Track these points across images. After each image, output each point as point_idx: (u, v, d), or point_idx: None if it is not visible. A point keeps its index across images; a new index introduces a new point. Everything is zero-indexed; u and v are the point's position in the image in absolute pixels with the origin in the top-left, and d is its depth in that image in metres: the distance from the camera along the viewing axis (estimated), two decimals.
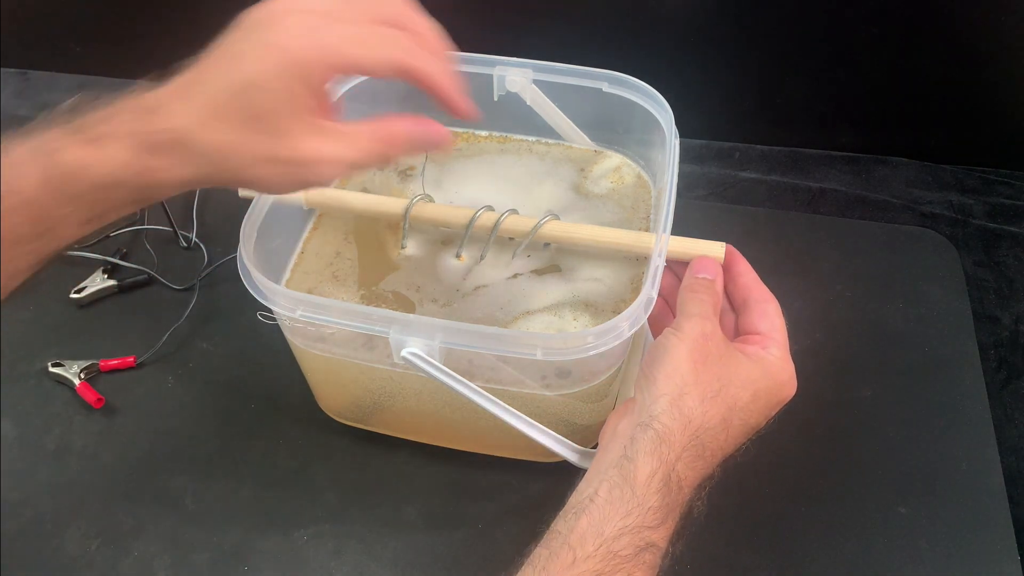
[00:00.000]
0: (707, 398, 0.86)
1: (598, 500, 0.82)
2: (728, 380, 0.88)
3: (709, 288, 0.96)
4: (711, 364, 0.88)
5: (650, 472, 0.82)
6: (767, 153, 1.63)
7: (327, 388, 1.18)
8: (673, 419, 0.85)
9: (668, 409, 0.85)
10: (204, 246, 1.45)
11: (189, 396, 1.27)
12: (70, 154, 0.74)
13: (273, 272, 1.10)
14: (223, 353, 1.32)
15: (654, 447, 0.83)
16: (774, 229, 1.47)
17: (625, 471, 0.83)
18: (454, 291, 1.09)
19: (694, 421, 0.85)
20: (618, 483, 0.82)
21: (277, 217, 1.07)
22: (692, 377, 0.87)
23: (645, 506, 0.81)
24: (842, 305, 1.35)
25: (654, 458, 0.83)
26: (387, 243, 1.15)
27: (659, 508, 0.81)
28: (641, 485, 0.82)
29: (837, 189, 1.55)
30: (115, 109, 0.77)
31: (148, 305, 1.39)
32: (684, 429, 0.85)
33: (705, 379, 0.87)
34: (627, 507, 0.81)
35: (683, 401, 0.86)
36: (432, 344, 0.93)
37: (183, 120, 0.76)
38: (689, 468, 0.84)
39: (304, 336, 1.05)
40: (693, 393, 0.86)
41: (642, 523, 0.80)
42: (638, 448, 0.84)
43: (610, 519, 0.80)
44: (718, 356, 0.89)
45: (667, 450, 0.83)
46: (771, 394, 0.91)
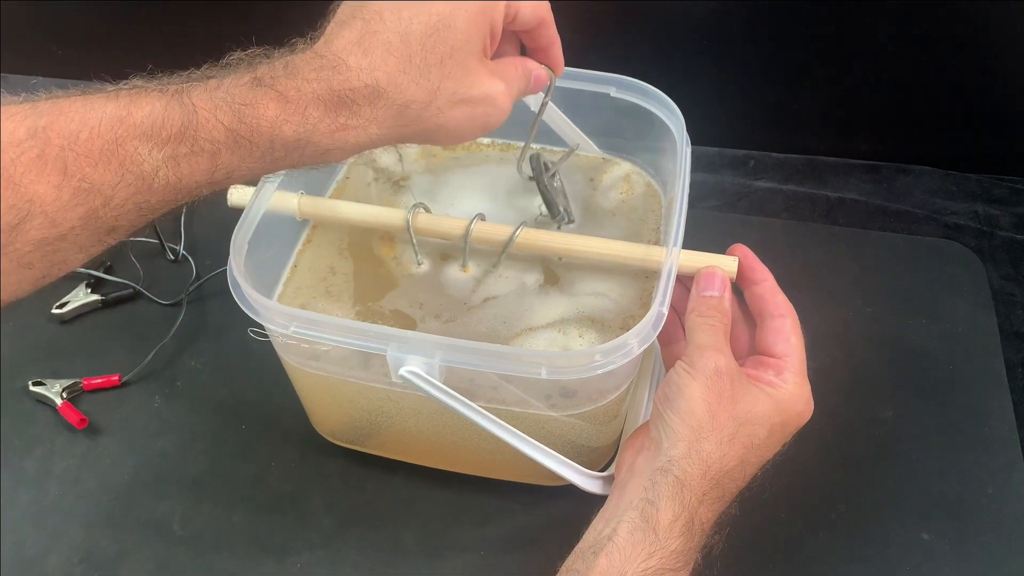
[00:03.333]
0: (724, 441, 0.88)
1: (618, 540, 0.83)
2: (744, 419, 0.89)
3: (718, 308, 0.97)
4: (726, 403, 0.89)
5: (672, 517, 0.84)
6: (783, 161, 1.63)
7: (322, 408, 1.18)
8: (692, 464, 0.86)
9: (687, 454, 0.87)
10: (192, 259, 1.45)
11: (177, 416, 1.27)
12: (262, 109, 0.78)
13: (265, 286, 1.10)
14: (212, 371, 1.32)
15: (675, 492, 0.85)
16: (791, 241, 1.47)
17: (647, 514, 0.84)
18: (461, 304, 1.09)
19: (713, 466, 0.87)
20: (640, 525, 0.84)
21: (269, 229, 1.07)
22: (708, 421, 0.88)
23: (668, 549, 0.82)
24: (862, 321, 1.36)
25: (676, 503, 0.85)
26: (384, 258, 1.15)
27: (682, 552, 0.83)
28: (664, 529, 0.83)
29: (857, 199, 1.56)
30: (294, 66, 0.80)
31: (133, 321, 1.39)
32: (704, 475, 0.86)
33: (721, 421, 0.88)
34: (649, 549, 0.82)
35: (701, 446, 0.87)
36: (431, 362, 0.93)
37: (374, 73, 0.80)
38: (709, 510, 0.86)
39: (297, 354, 1.05)
40: (711, 438, 0.88)
41: (664, 565, 0.82)
42: (659, 493, 0.85)
43: (631, 560, 0.82)
44: (731, 395, 0.90)
45: (689, 495, 0.85)
46: (787, 426, 0.93)
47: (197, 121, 0.76)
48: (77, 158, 0.73)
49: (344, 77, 0.80)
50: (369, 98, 0.80)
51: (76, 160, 0.73)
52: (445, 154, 1.28)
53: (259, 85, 0.78)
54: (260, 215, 1.05)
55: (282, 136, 0.79)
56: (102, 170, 0.74)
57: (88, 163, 0.73)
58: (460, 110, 0.85)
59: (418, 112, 0.83)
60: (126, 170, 0.74)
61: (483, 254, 1.13)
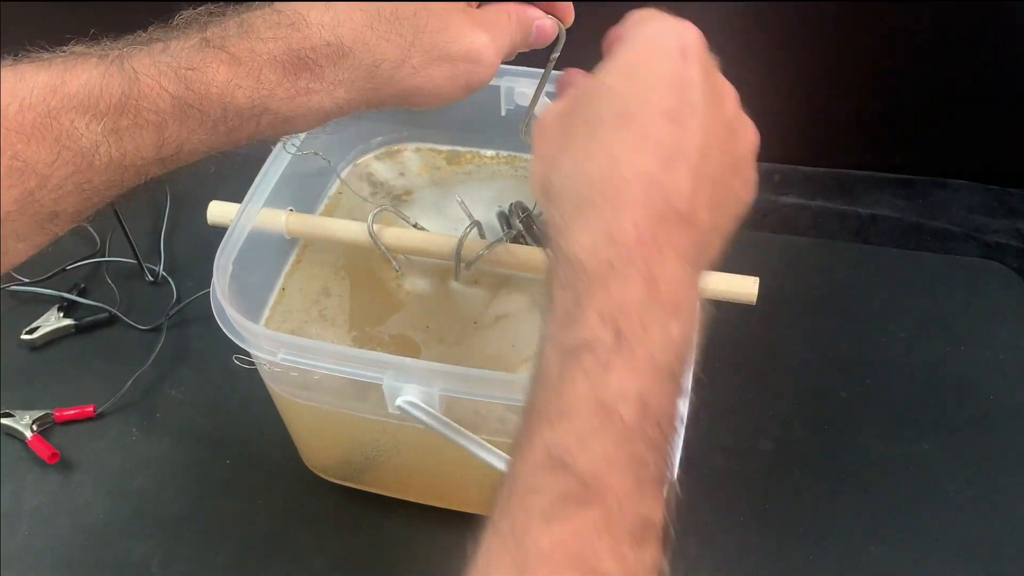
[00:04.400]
0: (549, 157, 0.75)
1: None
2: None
3: None
4: (553, 134, 0.76)
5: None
6: (811, 175, 1.63)
7: (313, 442, 1.18)
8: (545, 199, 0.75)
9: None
10: (173, 280, 1.46)
11: (156, 450, 1.27)
12: (212, 73, 0.75)
13: (251, 310, 1.10)
14: (194, 402, 1.32)
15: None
16: (819, 261, 1.48)
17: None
18: (470, 324, 1.09)
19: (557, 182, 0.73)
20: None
21: (255, 248, 1.07)
22: (540, 166, 0.76)
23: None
24: (896, 347, 1.36)
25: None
26: (384, 279, 1.15)
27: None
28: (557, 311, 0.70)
29: (890, 216, 1.56)
30: (248, 24, 0.78)
31: (109, 347, 1.39)
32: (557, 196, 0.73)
33: (549, 147, 0.75)
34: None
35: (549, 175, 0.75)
36: (431, 392, 0.93)
37: (337, 30, 0.78)
38: (579, 232, 0.70)
39: (287, 383, 1.05)
40: (548, 163, 0.75)
41: None
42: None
43: None
44: (560, 117, 0.77)
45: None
46: (637, 67, 0.74)
47: (139, 89, 0.74)
48: (8, 133, 0.71)
49: (303, 35, 0.77)
50: (332, 58, 0.78)
51: (7, 136, 0.71)
52: (451, 167, 1.28)
53: (208, 46, 0.76)
54: (246, 233, 1.05)
55: (235, 103, 0.77)
56: (35, 146, 0.71)
57: (20, 139, 0.71)
58: (438, 68, 0.83)
59: (390, 72, 0.81)
60: (63, 146, 0.72)
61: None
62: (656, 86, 0.71)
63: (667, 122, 0.69)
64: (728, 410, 1.27)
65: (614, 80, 0.72)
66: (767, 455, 1.23)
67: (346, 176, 1.28)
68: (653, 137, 0.69)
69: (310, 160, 1.17)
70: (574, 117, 0.73)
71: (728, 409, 1.27)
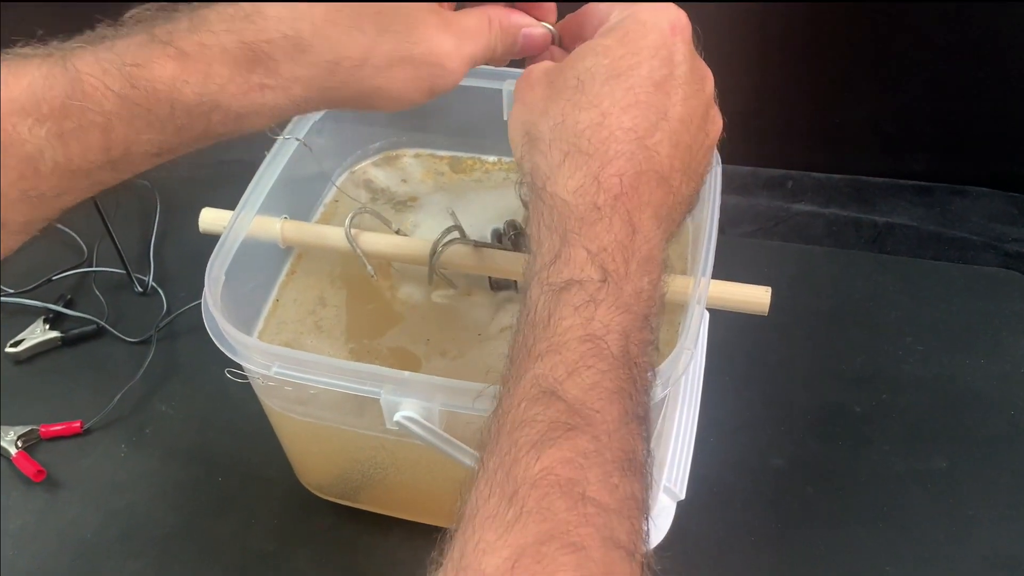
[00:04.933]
0: (538, 115, 0.80)
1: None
2: (555, 82, 0.80)
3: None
4: (537, 94, 0.82)
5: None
6: (824, 182, 1.63)
7: (308, 459, 1.18)
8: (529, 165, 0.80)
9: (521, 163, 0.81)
10: (163, 291, 1.46)
11: (145, 467, 1.27)
12: (158, 69, 0.75)
13: (244, 322, 1.10)
14: (185, 417, 1.32)
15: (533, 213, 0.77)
16: (833, 271, 1.48)
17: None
18: (474, 336, 1.09)
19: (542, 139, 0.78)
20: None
21: (249, 257, 1.07)
22: (524, 114, 0.82)
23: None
24: (913, 360, 1.36)
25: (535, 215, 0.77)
26: (383, 290, 1.15)
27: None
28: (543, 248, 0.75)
29: (907, 224, 1.56)
30: (200, 18, 0.77)
31: (97, 360, 1.39)
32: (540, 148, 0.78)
33: (535, 106, 0.81)
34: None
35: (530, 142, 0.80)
36: (431, 407, 0.93)
37: (296, 24, 0.77)
38: (566, 177, 0.75)
39: (281, 398, 1.05)
40: (531, 120, 0.81)
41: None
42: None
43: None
44: (541, 84, 0.82)
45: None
46: (628, 36, 0.78)
47: (83, 89, 0.73)
48: None
49: (259, 27, 0.77)
50: (290, 52, 0.77)
51: None
52: (456, 175, 1.28)
53: (154, 42, 0.75)
54: (239, 242, 1.05)
55: (183, 99, 0.76)
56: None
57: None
58: (401, 71, 0.82)
59: (350, 71, 0.80)
60: (7, 152, 0.72)
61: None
62: (647, 55, 0.77)
63: (655, 89, 0.76)
64: (738, 425, 1.27)
65: (609, 42, 0.78)
66: (779, 472, 1.23)
67: (343, 183, 1.29)
68: (642, 99, 0.76)
69: (306, 166, 1.17)
70: (565, 71, 0.79)
71: (738, 424, 1.27)
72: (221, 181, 1.19)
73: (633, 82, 0.76)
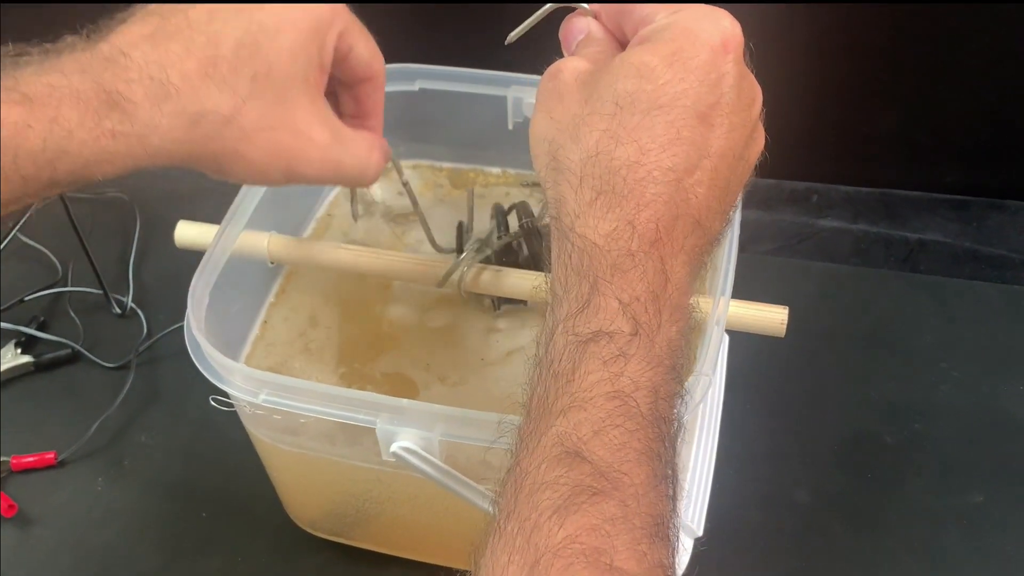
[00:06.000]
0: (569, 139, 0.77)
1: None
2: (591, 97, 0.77)
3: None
4: (569, 103, 0.78)
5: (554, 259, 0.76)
6: (853, 196, 1.63)
7: (299, 492, 1.18)
8: (556, 196, 0.77)
9: (552, 195, 0.77)
10: (142, 313, 1.47)
11: (124, 502, 1.27)
12: (1, 115, 0.74)
13: (230, 346, 1.11)
14: (167, 448, 1.32)
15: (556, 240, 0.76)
16: (862, 291, 1.48)
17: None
18: (478, 361, 1.09)
19: (573, 171, 0.75)
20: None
21: (235, 276, 1.07)
22: (553, 132, 0.78)
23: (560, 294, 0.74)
24: (948, 387, 1.36)
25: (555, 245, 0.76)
26: (378, 311, 1.15)
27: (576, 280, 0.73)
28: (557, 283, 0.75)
29: (941, 241, 1.56)
30: (51, 60, 0.76)
31: (72, 387, 1.40)
32: (573, 184, 0.75)
33: (565, 120, 0.78)
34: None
35: (559, 163, 0.77)
36: (430, 437, 0.93)
37: (165, 70, 0.77)
38: (597, 219, 0.73)
39: (269, 427, 1.05)
40: (560, 141, 0.77)
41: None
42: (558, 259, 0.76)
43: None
44: (576, 89, 0.78)
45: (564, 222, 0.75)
46: (679, 54, 0.74)
47: None
48: None
49: (121, 69, 0.76)
50: (153, 98, 0.77)
51: None
52: (457, 189, 1.29)
53: (6, 88, 0.74)
54: (224, 260, 1.05)
55: (26, 146, 0.74)
56: None
57: None
58: (265, 139, 0.83)
59: (216, 128, 0.80)
60: None
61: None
62: (694, 80, 0.73)
63: (699, 121, 0.73)
64: (760, 457, 1.27)
65: (654, 61, 0.74)
66: (803, 508, 1.23)
67: (335, 196, 1.29)
68: (684, 135, 0.73)
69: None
70: (600, 86, 0.75)
71: (760, 456, 1.27)
72: (204, 194, 1.19)
73: (676, 115, 0.73)
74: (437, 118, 1.17)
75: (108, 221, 1.60)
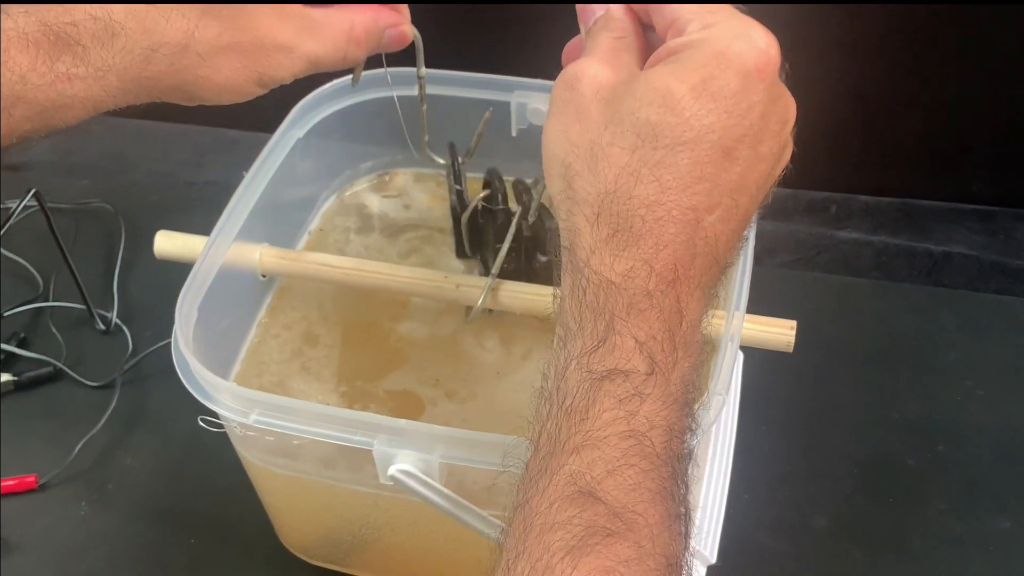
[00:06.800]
0: (587, 164, 0.75)
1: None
2: (613, 119, 0.75)
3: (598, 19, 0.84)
4: (589, 116, 0.76)
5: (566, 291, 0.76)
6: (873, 206, 1.64)
7: (292, 517, 1.18)
8: (569, 221, 0.76)
9: (566, 220, 0.77)
10: (128, 329, 1.47)
11: (108, 527, 1.27)
12: None
13: (219, 363, 1.11)
14: (153, 471, 1.32)
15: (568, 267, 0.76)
16: (883, 306, 1.48)
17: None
18: (492, 375, 1.09)
19: (588, 204, 0.75)
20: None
21: (224, 290, 1.07)
22: (565, 149, 0.77)
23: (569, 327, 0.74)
24: (973, 407, 1.35)
25: (567, 276, 0.76)
26: (379, 324, 1.15)
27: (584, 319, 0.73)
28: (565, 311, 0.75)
29: (966, 253, 1.56)
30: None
31: (54, 407, 1.39)
32: (590, 221, 0.75)
33: (580, 141, 0.76)
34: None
35: (573, 193, 0.76)
36: (430, 459, 0.93)
37: (106, 10, 0.76)
38: (614, 257, 0.73)
39: (261, 449, 1.05)
40: (576, 168, 0.76)
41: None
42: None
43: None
44: (594, 103, 0.76)
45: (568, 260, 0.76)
46: (711, 82, 0.73)
47: None
48: None
49: (63, 8, 0.76)
50: (100, 38, 0.77)
51: None
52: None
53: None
54: (213, 273, 1.05)
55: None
56: None
57: None
58: (227, 59, 0.82)
59: (170, 60, 0.80)
60: None
61: None
62: (722, 111, 0.72)
63: (723, 156, 0.72)
64: (776, 480, 1.27)
65: (681, 92, 0.72)
66: (822, 534, 1.23)
67: (329, 209, 1.29)
68: (707, 174, 0.72)
69: (288, 190, 1.17)
70: (623, 111, 0.73)
71: (776, 479, 1.27)
72: (193, 205, 1.20)
73: (700, 153, 0.72)
74: (438, 124, 1.17)
75: (92, 232, 1.60)
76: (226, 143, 1.75)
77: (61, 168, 1.73)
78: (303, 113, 1.19)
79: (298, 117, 1.18)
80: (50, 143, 1.76)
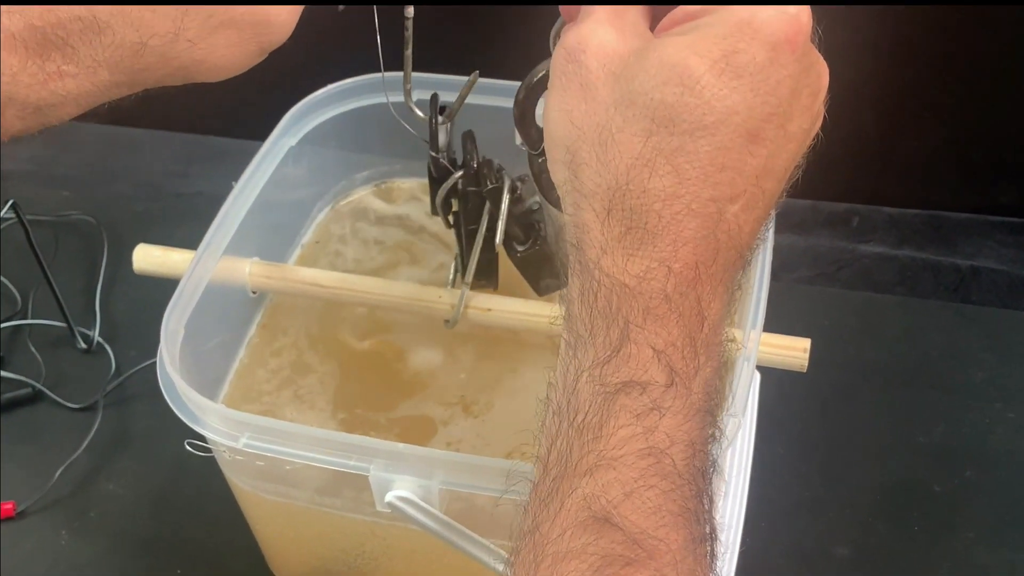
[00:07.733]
0: (596, 145, 0.72)
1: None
2: (624, 96, 0.71)
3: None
4: (594, 90, 0.73)
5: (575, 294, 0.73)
6: (897, 218, 1.64)
7: (283, 547, 1.18)
8: (573, 205, 0.74)
9: (570, 196, 0.74)
10: (110, 348, 1.46)
11: (89, 557, 1.27)
12: None
13: (207, 384, 1.11)
14: (137, 497, 1.32)
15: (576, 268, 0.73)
16: (907, 324, 1.48)
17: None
18: (505, 385, 1.09)
19: (598, 192, 0.72)
20: None
21: (212, 307, 1.07)
22: (568, 131, 0.74)
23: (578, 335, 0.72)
24: (1002, 431, 1.35)
25: (575, 278, 0.73)
26: (380, 337, 1.15)
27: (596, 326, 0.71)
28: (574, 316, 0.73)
29: (995, 268, 1.56)
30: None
31: (33, 430, 1.40)
32: (599, 210, 0.72)
33: (585, 121, 0.73)
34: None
35: (578, 172, 0.73)
36: (429, 485, 0.93)
37: (90, 10, 0.76)
38: (627, 257, 0.71)
39: (251, 474, 1.05)
40: (581, 154, 0.73)
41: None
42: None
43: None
44: (601, 76, 0.73)
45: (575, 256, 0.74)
46: (734, 56, 0.68)
47: None
48: None
49: (46, 9, 0.75)
50: (86, 36, 0.77)
51: None
52: None
53: None
54: (201, 289, 1.06)
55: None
56: None
57: None
58: (221, 37, 0.81)
59: (162, 50, 0.79)
60: None
61: None
62: (747, 90, 0.68)
63: (748, 141, 0.69)
64: (794, 506, 1.27)
65: (700, 69, 0.67)
66: (843, 563, 1.23)
67: (323, 221, 1.29)
68: (731, 162, 0.69)
69: (280, 200, 1.18)
70: (634, 89, 0.70)
71: (794, 505, 1.27)
72: (179, 217, 1.20)
73: (724, 138, 0.68)
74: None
75: (73, 246, 1.60)
76: (215, 152, 1.75)
77: (40, 178, 1.73)
78: (295, 120, 1.19)
79: (290, 124, 1.19)
80: (29, 152, 1.76)
